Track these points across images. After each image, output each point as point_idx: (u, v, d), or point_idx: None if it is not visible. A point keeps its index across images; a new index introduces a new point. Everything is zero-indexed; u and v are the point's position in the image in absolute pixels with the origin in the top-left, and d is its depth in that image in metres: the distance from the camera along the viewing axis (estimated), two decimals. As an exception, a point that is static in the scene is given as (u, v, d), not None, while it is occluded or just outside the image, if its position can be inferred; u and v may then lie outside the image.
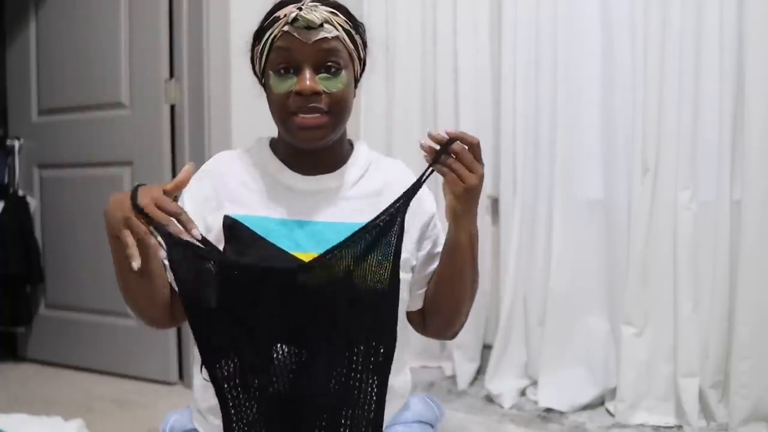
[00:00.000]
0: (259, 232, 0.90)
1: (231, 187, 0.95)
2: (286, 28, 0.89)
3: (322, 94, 0.89)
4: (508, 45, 2.31)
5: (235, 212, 0.92)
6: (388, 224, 0.85)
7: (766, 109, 1.87)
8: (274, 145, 1.00)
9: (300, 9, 0.88)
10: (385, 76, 2.60)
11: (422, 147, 0.86)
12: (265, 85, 0.95)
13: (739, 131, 1.93)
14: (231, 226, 0.91)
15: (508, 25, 2.31)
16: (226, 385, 0.85)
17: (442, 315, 1.00)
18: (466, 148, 0.85)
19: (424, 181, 0.87)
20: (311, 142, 0.92)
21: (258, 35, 0.94)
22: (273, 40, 0.90)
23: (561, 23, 2.18)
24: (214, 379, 0.85)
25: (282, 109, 0.90)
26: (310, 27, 0.88)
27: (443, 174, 0.85)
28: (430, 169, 0.86)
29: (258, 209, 0.93)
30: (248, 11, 1.00)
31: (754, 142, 1.88)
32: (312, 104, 0.89)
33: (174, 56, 2.41)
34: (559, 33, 2.19)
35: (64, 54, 2.64)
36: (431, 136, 0.85)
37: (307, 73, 0.89)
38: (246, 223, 0.91)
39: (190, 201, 0.95)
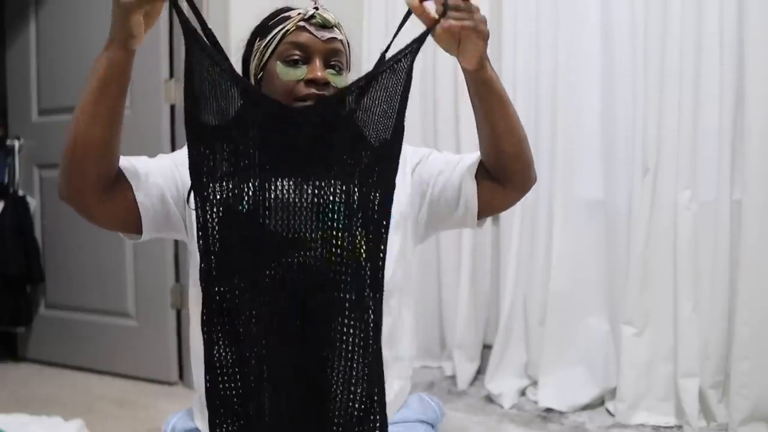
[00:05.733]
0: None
1: None
2: (301, 23, 0.95)
3: (330, 86, 0.95)
4: (509, 45, 2.31)
5: None
6: (392, 70, 0.84)
7: (766, 109, 1.87)
8: None
9: (317, 8, 0.96)
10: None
11: (415, 10, 0.84)
12: (263, 78, 0.98)
13: (739, 131, 1.93)
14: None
15: (508, 25, 2.32)
16: (214, 216, 0.81)
17: (515, 160, 0.96)
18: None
19: (425, 36, 0.86)
20: None
21: (261, 32, 0.98)
22: (285, 33, 0.95)
23: (561, 23, 2.19)
24: (203, 206, 0.81)
25: (288, 95, 0.93)
26: (325, 26, 0.96)
27: (462, 29, 0.84)
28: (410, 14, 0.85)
29: None
30: (248, 12, 1.03)
31: (754, 143, 1.88)
32: (322, 92, 0.94)
33: (174, 56, 2.41)
34: (560, 33, 2.19)
35: (64, 54, 2.64)
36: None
37: (319, 65, 0.95)
38: None
39: (170, 158, 0.98)
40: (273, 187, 0.83)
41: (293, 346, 0.83)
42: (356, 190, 0.84)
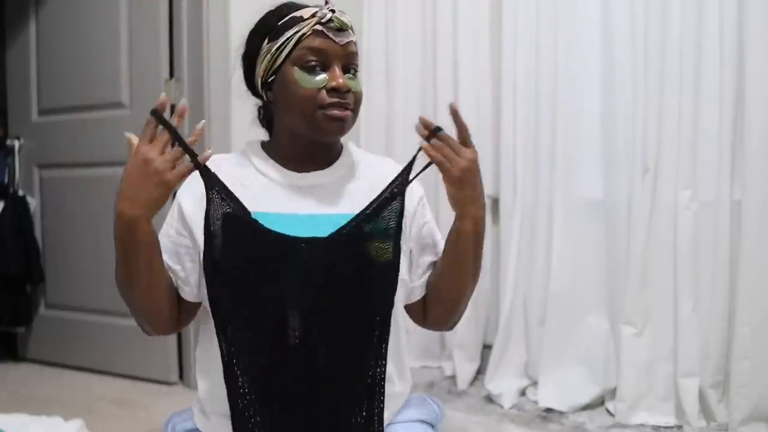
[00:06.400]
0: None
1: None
2: (318, 27, 0.92)
3: (350, 92, 0.94)
4: (509, 45, 2.31)
5: None
6: (389, 201, 0.91)
7: (766, 109, 1.87)
8: (266, 147, 1.02)
9: (333, 11, 0.93)
10: (386, 80, 2.60)
11: (417, 130, 0.91)
12: (275, 81, 0.95)
13: (739, 131, 1.93)
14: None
15: (508, 25, 2.32)
16: (232, 349, 0.88)
17: (442, 305, 1.01)
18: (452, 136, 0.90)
19: (414, 161, 0.93)
20: (337, 134, 0.95)
21: (270, 33, 0.94)
22: (300, 38, 0.92)
23: (561, 24, 2.19)
24: (224, 338, 0.89)
25: (310, 103, 0.92)
26: (342, 29, 0.93)
27: (431, 158, 0.89)
28: (420, 150, 0.90)
29: (254, 205, 0.92)
30: (248, 11, 1.01)
31: (754, 143, 1.88)
32: (345, 100, 0.93)
33: (174, 56, 2.41)
34: (560, 33, 2.19)
35: (64, 54, 2.64)
36: (422, 122, 0.90)
37: (339, 71, 0.93)
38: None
39: (187, 201, 0.95)
40: (285, 317, 0.88)
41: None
42: (362, 313, 0.90)
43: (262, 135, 1.06)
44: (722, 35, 1.92)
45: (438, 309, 1.01)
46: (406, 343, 1.03)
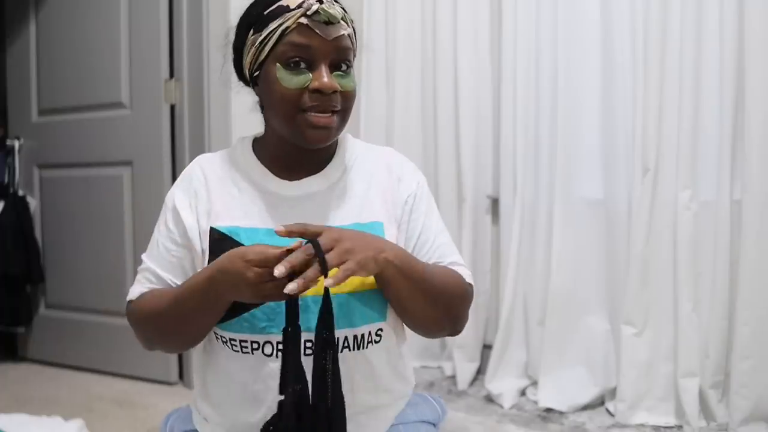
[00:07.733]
0: (247, 244, 0.86)
1: (215, 196, 0.91)
2: (303, 20, 0.84)
3: (337, 94, 0.86)
4: (509, 45, 2.31)
5: (221, 224, 0.89)
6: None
7: (767, 109, 1.87)
8: (257, 145, 0.97)
9: (321, 2, 0.84)
10: (386, 78, 2.60)
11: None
12: (260, 77, 0.89)
13: (740, 131, 1.93)
14: (218, 239, 0.87)
15: (508, 25, 2.32)
16: None
17: (408, 323, 0.95)
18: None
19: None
20: (319, 142, 0.88)
21: (255, 23, 0.88)
22: (284, 31, 0.85)
23: (561, 23, 2.19)
24: None
25: (292, 105, 0.85)
26: (330, 22, 0.85)
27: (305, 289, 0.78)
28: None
29: (244, 220, 0.89)
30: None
31: (754, 142, 1.88)
32: (330, 103, 0.86)
33: (174, 56, 2.41)
34: (560, 33, 2.19)
35: (64, 54, 2.64)
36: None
37: (325, 70, 0.85)
38: (233, 235, 0.88)
39: (185, 210, 0.92)
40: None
41: None
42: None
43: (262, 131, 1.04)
44: (722, 35, 1.92)
45: (408, 325, 0.95)
46: (406, 343, 1.03)
